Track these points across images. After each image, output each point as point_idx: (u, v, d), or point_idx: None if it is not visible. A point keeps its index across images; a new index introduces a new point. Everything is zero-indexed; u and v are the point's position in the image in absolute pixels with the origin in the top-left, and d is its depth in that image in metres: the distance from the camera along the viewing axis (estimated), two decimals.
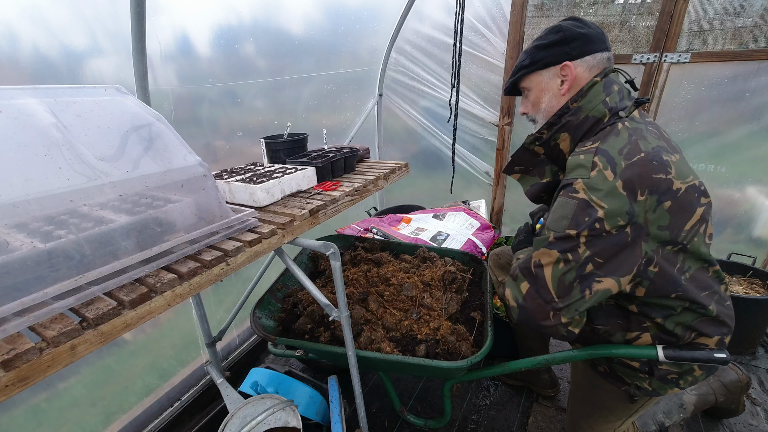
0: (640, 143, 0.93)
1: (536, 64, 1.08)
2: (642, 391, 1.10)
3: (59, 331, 0.62)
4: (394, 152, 3.20)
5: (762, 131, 2.08)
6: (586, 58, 1.03)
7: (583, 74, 1.05)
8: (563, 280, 0.94)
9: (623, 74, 1.10)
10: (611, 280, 0.92)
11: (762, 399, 1.81)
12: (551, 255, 0.94)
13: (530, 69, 1.10)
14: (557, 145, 1.09)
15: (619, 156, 0.91)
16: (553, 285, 0.94)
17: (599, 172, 0.91)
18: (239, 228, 0.98)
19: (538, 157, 1.18)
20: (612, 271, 0.92)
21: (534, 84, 1.12)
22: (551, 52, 1.05)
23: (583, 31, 1.03)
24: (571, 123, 1.04)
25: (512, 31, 2.41)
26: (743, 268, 2.17)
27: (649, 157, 0.91)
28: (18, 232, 0.66)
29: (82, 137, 0.80)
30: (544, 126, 1.10)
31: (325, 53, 2.31)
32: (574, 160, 0.97)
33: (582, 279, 0.93)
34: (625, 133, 0.96)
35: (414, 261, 1.87)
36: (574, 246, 0.92)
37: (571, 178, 0.95)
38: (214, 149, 1.84)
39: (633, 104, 1.05)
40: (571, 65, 1.03)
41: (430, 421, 1.63)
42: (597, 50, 1.03)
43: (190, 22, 1.57)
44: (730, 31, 1.98)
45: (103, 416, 1.50)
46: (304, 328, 1.46)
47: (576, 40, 1.02)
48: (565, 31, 1.03)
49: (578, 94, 1.03)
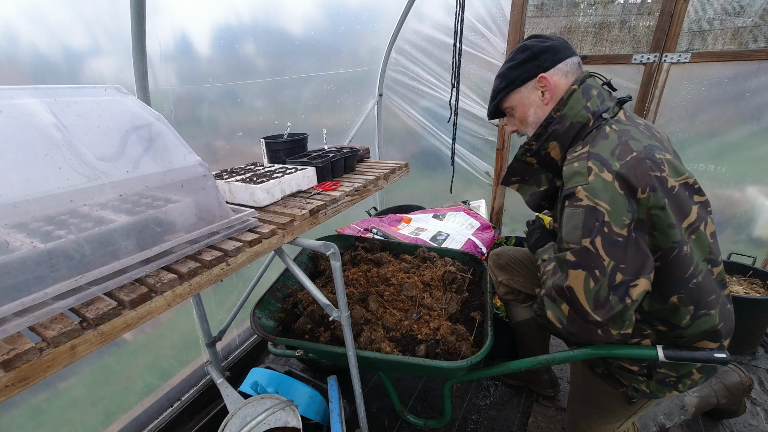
0: (630, 143, 0.95)
1: (513, 83, 1.14)
2: (639, 393, 1.10)
3: (59, 331, 0.62)
4: (394, 152, 3.20)
5: (762, 131, 2.08)
6: (559, 66, 1.09)
7: (561, 81, 1.09)
8: (598, 297, 0.92)
9: (599, 77, 1.13)
10: (644, 279, 0.91)
11: (762, 399, 1.81)
12: (578, 276, 0.94)
13: (509, 89, 1.15)
14: (548, 153, 1.13)
15: (612, 157, 0.94)
16: (590, 305, 0.93)
17: (596, 175, 0.93)
18: (239, 228, 0.98)
19: (532, 167, 1.21)
20: (639, 271, 0.91)
21: (516, 102, 1.17)
22: (525, 69, 1.11)
23: (547, 44, 1.09)
24: (558, 131, 1.08)
25: (512, 31, 2.41)
26: (743, 268, 2.17)
27: (642, 156, 0.92)
28: (18, 232, 0.66)
29: (82, 137, 0.80)
30: (533, 137, 1.13)
31: (325, 53, 2.31)
32: (570, 169, 0.99)
33: (615, 290, 0.91)
34: (614, 135, 0.98)
35: (414, 261, 1.87)
36: (595, 259, 0.91)
37: (571, 187, 0.97)
38: (214, 149, 1.84)
39: (615, 104, 1.07)
40: (547, 75, 1.09)
41: (430, 421, 1.63)
42: (566, 57, 1.09)
43: (190, 22, 1.57)
44: (730, 31, 1.98)
45: (103, 416, 1.50)
46: (304, 328, 1.46)
47: (544, 53, 1.08)
48: (531, 48, 1.10)
49: (559, 103, 1.07)
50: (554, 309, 1.01)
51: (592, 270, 0.92)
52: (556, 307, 1.01)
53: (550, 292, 1.02)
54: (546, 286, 1.05)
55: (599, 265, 0.91)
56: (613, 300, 0.91)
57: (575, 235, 0.94)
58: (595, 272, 0.91)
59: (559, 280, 0.99)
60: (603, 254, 0.91)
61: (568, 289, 0.96)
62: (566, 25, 2.30)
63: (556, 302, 1.00)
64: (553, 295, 1.01)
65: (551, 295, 1.02)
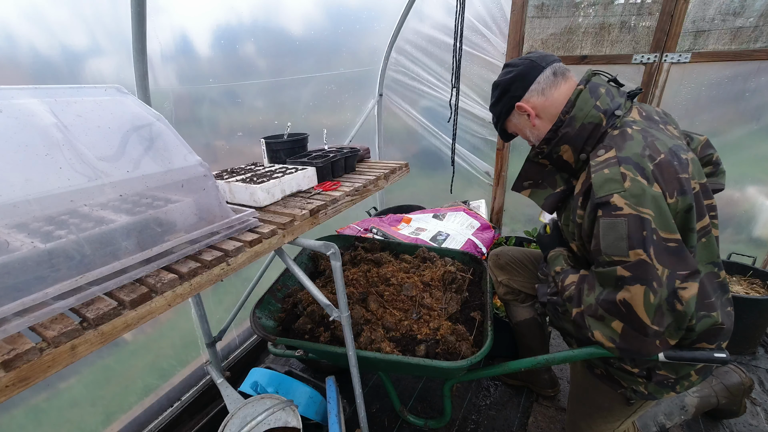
0: (657, 144, 0.93)
1: (500, 117, 1.21)
2: (638, 394, 1.10)
3: (59, 331, 0.62)
4: (394, 152, 3.20)
5: (762, 131, 2.08)
6: (531, 88, 1.11)
7: (542, 98, 1.10)
8: (659, 309, 0.88)
9: (604, 74, 1.13)
10: (692, 282, 0.88)
11: (762, 399, 1.81)
12: (637, 291, 0.88)
13: (501, 120, 1.23)
14: (560, 156, 1.11)
15: (643, 159, 0.91)
16: (650, 318, 0.88)
17: (632, 180, 0.89)
18: (239, 228, 0.98)
19: (546, 168, 1.20)
20: (690, 274, 0.88)
21: (512, 127, 1.24)
22: (502, 104, 1.17)
23: (513, 74, 1.12)
24: (569, 134, 1.06)
25: (512, 31, 2.41)
26: (743, 268, 2.17)
27: (669, 157, 0.91)
28: (18, 232, 0.66)
29: (82, 137, 0.80)
30: (543, 141, 1.13)
31: (325, 53, 2.31)
32: (600, 176, 0.94)
33: (670, 297, 0.88)
34: (638, 136, 0.95)
35: (414, 261, 1.87)
36: (652, 271, 0.86)
37: (605, 196, 0.91)
38: (215, 149, 1.84)
39: (626, 99, 1.06)
40: (522, 103, 1.12)
41: (430, 421, 1.63)
42: (534, 77, 1.10)
43: (190, 22, 1.57)
44: (731, 31, 1.98)
45: (103, 416, 1.50)
46: (304, 328, 1.46)
47: (512, 83, 1.12)
48: (501, 84, 1.15)
49: (568, 105, 1.06)
50: (603, 328, 0.95)
51: (650, 283, 0.86)
52: (604, 326, 0.95)
53: (594, 311, 0.96)
54: (585, 304, 0.99)
55: (656, 276, 0.86)
56: (667, 308, 0.88)
57: (620, 246, 0.88)
58: (653, 285, 0.86)
59: (607, 296, 0.93)
60: (657, 264, 0.86)
61: (624, 305, 0.89)
62: (566, 25, 2.29)
63: (605, 320, 0.94)
64: (600, 313, 0.94)
65: (596, 314, 0.95)
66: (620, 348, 0.94)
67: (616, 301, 0.91)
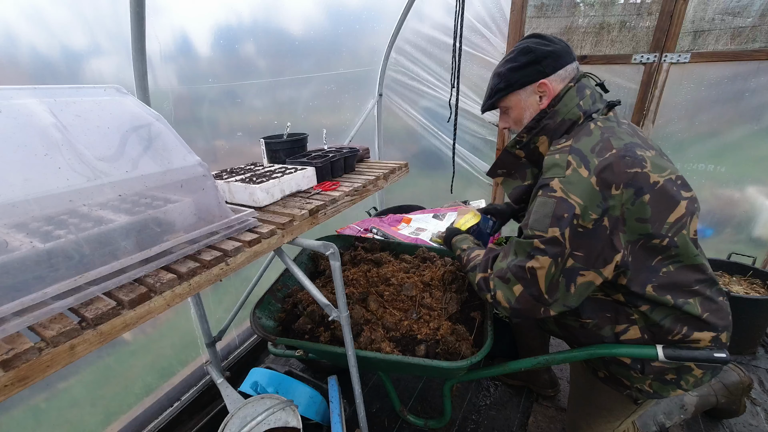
0: (611, 140, 0.97)
1: (513, 85, 1.13)
2: (644, 393, 1.10)
3: (59, 331, 0.62)
4: (394, 152, 3.20)
5: (762, 131, 2.08)
6: (559, 72, 1.09)
7: (558, 86, 1.10)
8: (554, 280, 0.99)
9: (593, 78, 1.15)
10: (593, 272, 0.97)
11: (762, 399, 1.81)
12: (544, 262, 0.98)
13: (507, 90, 1.15)
14: (536, 148, 1.14)
15: (592, 154, 0.96)
16: (545, 286, 0.99)
17: (574, 170, 0.96)
18: (239, 228, 0.98)
19: (520, 161, 1.22)
20: (592, 263, 0.96)
21: (513, 103, 1.16)
22: (526, 72, 1.10)
23: (550, 48, 1.08)
24: (549, 126, 1.09)
25: (512, 31, 2.41)
26: (743, 268, 2.17)
27: (621, 153, 0.94)
28: (17, 232, 0.66)
29: (81, 137, 0.80)
30: (524, 130, 1.14)
31: (325, 53, 2.31)
32: (550, 160, 1.02)
33: (566, 274, 0.97)
34: (597, 132, 1.00)
35: (414, 261, 1.87)
36: (562, 249, 0.96)
37: (548, 178, 1.00)
38: (214, 149, 1.84)
39: (605, 107, 1.09)
40: (547, 81, 1.09)
41: (430, 421, 1.63)
42: (567, 63, 1.09)
43: (190, 22, 1.57)
44: (730, 31, 1.98)
45: (103, 416, 1.50)
46: (304, 328, 1.46)
47: (547, 58, 1.08)
48: (535, 51, 1.09)
49: (554, 99, 1.09)
50: (505, 290, 1.06)
51: (557, 258, 0.97)
52: (507, 288, 1.05)
53: (503, 273, 1.06)
54: (497, 268, 1.09)
55: (562, 253, 0.96)
56: (561, 283, 0.98)
57: (543, 223, 0.97)
58: (558, 259, 0.97)
59: (519, 262, 1.02)
60: (567, 245, 0.95)
61: (530, 271, 1.00)
62: (566, 25, 2.29)
63: (509, 283, 1.04)
64: (508, 276, 1.04)
65: (505, 276, 1.05)
66: (514, 308, 1.05)
67: (525, 267, 1.01)
